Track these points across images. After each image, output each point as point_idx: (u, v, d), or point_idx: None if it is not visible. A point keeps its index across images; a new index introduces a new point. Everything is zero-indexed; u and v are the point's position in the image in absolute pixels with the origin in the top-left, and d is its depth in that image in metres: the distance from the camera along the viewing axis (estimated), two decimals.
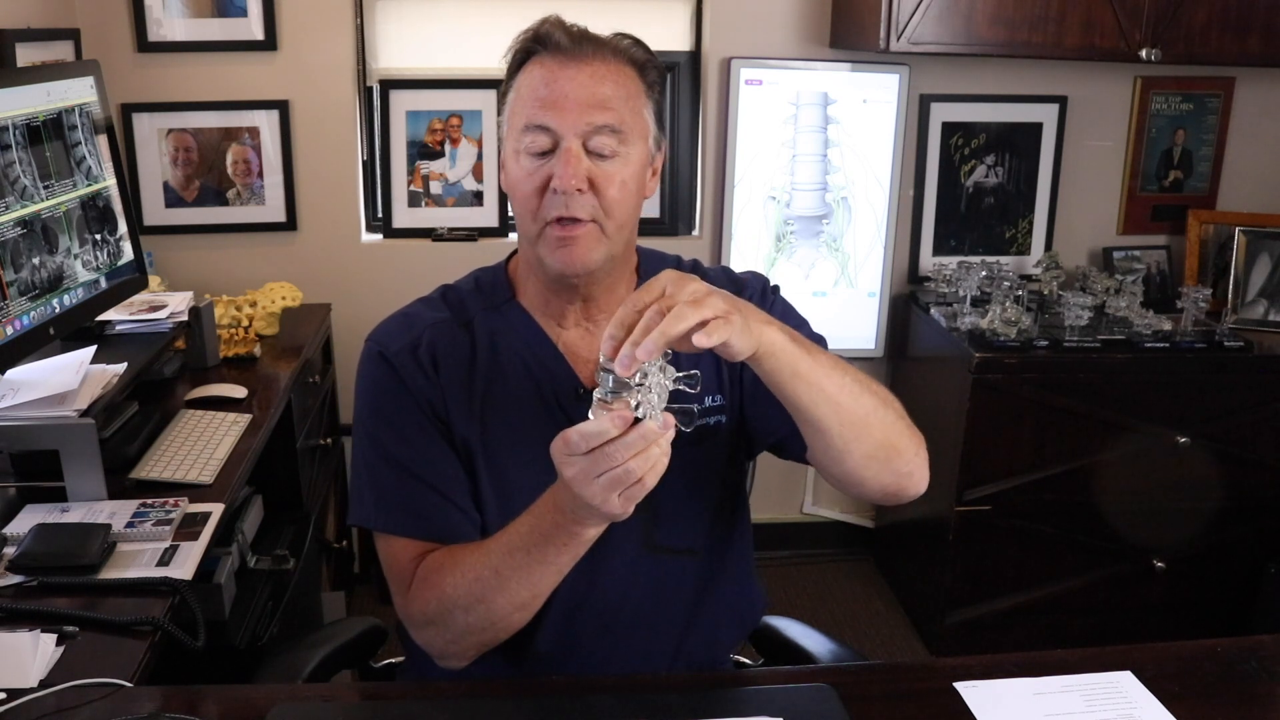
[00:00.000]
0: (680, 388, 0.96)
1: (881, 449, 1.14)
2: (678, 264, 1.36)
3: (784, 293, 1.36)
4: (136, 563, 1.47)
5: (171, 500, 1.63)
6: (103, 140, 1.96)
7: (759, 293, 1.33)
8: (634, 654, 1.28)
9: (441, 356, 1.23)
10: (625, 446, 0.93)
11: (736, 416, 1.30)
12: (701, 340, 0.94)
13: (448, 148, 2.88)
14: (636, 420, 0.93)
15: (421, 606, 1.16)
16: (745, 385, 1.28)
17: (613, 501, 0.96)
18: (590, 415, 0.95)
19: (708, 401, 1.27)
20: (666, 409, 0.95)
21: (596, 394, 0.95)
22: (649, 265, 1.33)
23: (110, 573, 1.44)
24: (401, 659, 1.45)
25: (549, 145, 1.15)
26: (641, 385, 0.94)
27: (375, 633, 1.49)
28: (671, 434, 0.95)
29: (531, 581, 1.10)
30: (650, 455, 0.94)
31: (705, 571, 1.31)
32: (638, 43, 1.20)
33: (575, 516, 1.02)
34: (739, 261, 2.97)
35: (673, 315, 0.93)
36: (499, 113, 1.22)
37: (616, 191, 1.16)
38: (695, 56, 2.92)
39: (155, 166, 2.76)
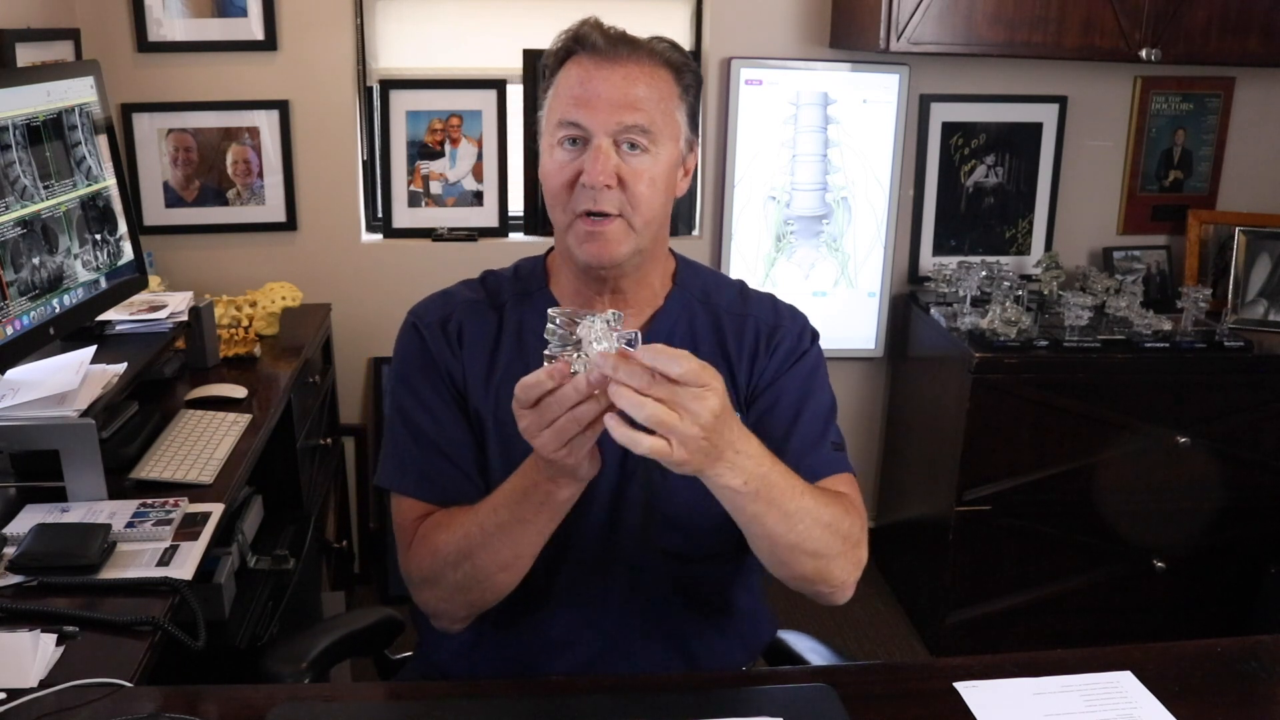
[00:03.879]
0: (621, 345, 0.98)
1: (808, 575, 1.18)
2: (714, 281, 1.37)
3: (783, 292, 1.37)
4: (136, 563, 1.47)
5: (171, 500, 1.63)
6: (103, 140, 1.96)
7: (795, 335, 1.32)
8: (642, 661, 1.29)
9: (468, 333, 1.29)
10: (560, 399, 0.97)
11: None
12: (622, 435, 0.96)
13: (448, 148, 2.88)
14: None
15: (418, 564, 1.22)
16: (751, 413, 1.29)
17: (561, 452, 1.00)
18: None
19: None
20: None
21: (546, 350, 0.99)
22: (688, 277, 1.36)
23: (110, 573, 1.44)
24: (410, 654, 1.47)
25: (581, 142, 1.19)
26: (581, 341, 0.98)
27: (390, 624, 1.52)
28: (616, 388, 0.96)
29: (512, 540, 1.14)
30: (587, 409, 0.97)
31: (713, 580, 1.33)
32: (674, 46, 1.24)
33: (548, 473, 1.06)
34: (739, 262, 2.97)
35: (661, 408, 0.94)
36: (539, 108, 1.26)
37: (644, 188, 1.19)
38: (695, 56, 2.91)
39: (155, 166, 2.76)
